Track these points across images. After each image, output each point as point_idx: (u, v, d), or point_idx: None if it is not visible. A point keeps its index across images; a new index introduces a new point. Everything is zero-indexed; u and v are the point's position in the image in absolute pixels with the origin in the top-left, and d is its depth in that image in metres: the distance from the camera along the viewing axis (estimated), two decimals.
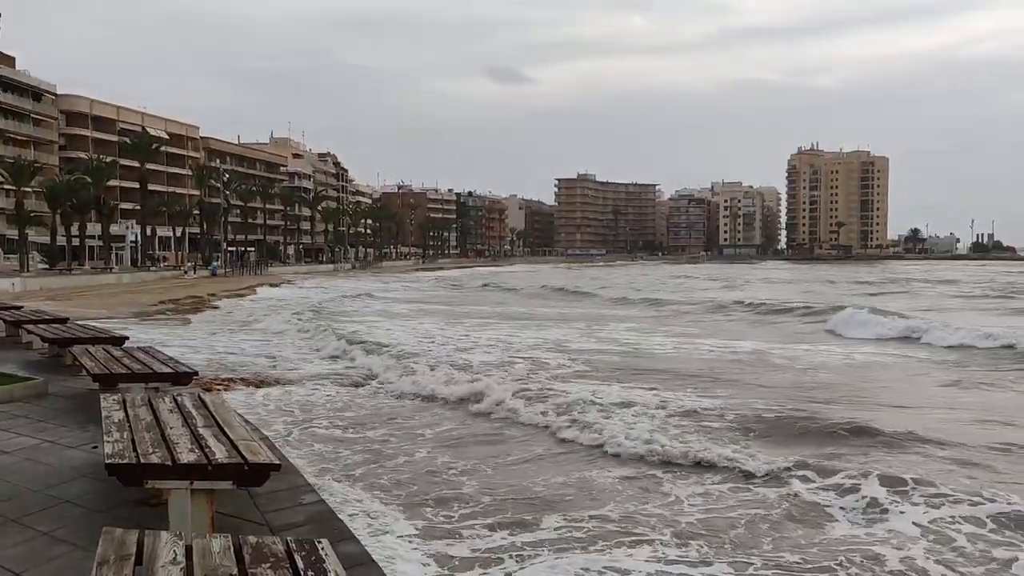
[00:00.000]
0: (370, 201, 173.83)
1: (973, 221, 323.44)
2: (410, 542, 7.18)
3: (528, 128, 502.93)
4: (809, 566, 6.72)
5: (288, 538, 3.44)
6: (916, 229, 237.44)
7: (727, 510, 8.16)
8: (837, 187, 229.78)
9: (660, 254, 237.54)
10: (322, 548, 3.25)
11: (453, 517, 7.94)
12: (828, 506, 8.19)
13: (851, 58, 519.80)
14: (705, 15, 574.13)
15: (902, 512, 7.86)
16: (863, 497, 8.26)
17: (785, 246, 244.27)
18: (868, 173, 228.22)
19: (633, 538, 7.34)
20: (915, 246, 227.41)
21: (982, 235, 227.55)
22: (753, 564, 6.76)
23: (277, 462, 5.06)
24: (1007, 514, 7.70)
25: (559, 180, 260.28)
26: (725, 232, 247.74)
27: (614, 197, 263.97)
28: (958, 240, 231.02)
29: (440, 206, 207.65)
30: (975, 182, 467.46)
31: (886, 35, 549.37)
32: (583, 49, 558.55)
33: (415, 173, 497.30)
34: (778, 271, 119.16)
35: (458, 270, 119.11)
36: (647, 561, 6.77)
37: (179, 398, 6.80)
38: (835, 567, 6.67)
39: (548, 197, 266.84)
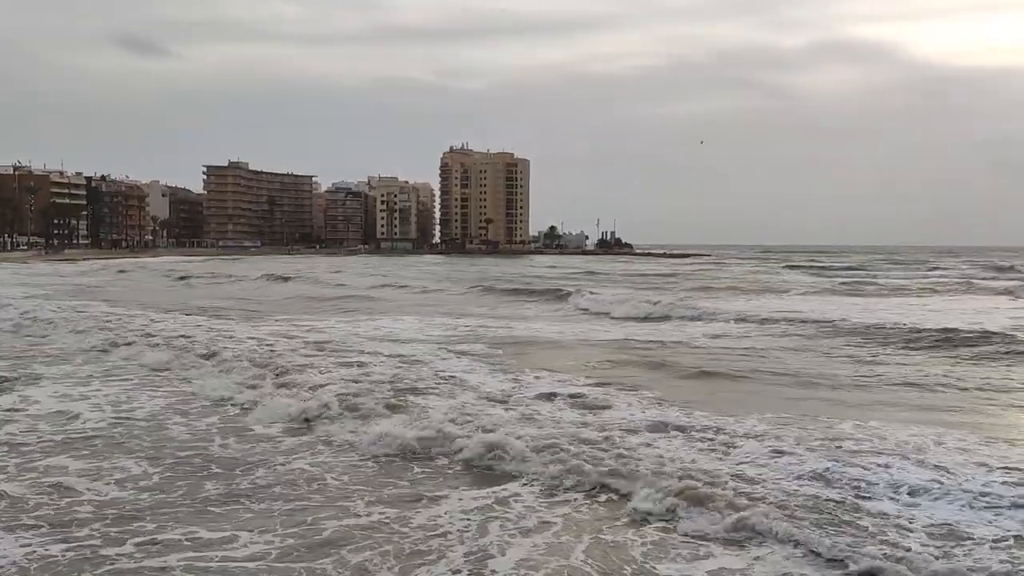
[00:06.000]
0: None
1: (599, 220, 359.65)
2: None
3: (173, 109, 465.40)
4: None
5: None
6: (553, 227, 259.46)
7: None
8: (486, 186, 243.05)
9: (318, 247, 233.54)
10: None
11: None
12: None
13: (497, 65, 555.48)
14: (358, 10, 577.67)
15: None
16: None
17: (439, 240, 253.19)
18: (512, 173, 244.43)
19: None
20: (552, 242, 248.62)
21: (607, 233, 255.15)
22: None
23: None
24: None
25: (208, 167, 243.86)
26: (382, 226, 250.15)
27: (269, 187, 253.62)
28: (587, 237, 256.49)
29: (67, 190, 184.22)
30: (604, 185, 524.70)
31: (526, 46, 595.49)
32: (231, 31, 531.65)
33: (36, 153, 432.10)
34: (424, 265, 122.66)
35: (74, 264, 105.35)
36: None
37: None
38: None
39: (197, 184, 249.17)
